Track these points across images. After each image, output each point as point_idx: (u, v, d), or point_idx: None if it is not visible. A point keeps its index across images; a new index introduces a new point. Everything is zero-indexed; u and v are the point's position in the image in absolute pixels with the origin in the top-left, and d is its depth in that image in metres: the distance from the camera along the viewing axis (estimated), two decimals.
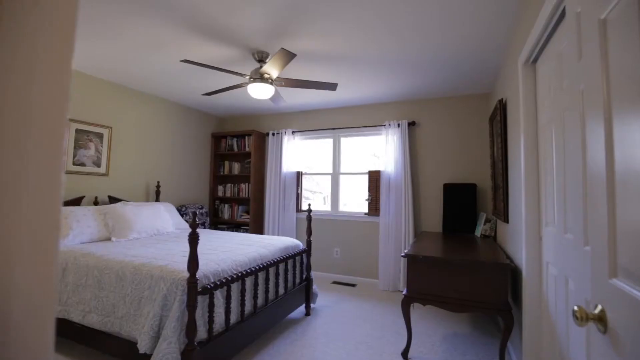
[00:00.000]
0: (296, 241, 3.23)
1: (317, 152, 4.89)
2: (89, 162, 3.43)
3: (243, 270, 2.29)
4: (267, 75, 2.70)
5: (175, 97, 4.27)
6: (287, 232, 4.68)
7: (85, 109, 3.40)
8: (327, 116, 4.71)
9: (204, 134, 5.05)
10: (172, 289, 1.84)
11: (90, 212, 2.96)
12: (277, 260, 2.66)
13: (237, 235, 3.37)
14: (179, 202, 4.58)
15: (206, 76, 3.41)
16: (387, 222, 4.11)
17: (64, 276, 2.26)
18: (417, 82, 3.55)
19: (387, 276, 4.03)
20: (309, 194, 4.98)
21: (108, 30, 2.45)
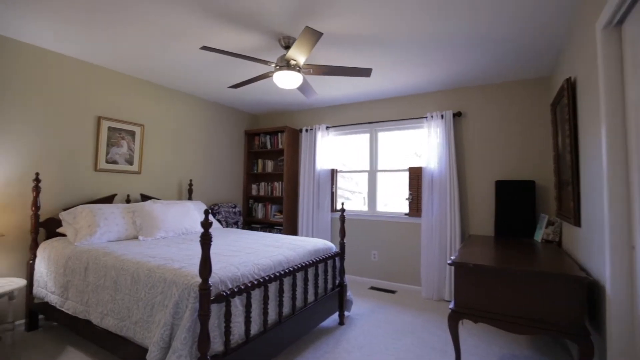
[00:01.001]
0: (328, 243, 2.95)
1: (353, 148, 4.58)
2: (122, 159, 3.44)
3: (266, 275, 2.06)
4: (294, 61, 2.46)
5: (206, 94, 4.20)
6: (322, 232, 4.43)
7: (117, 107, 3.41)
8: (363, 109, 4.39)
9: (237, 132, 4.97)
10: (184, 295, 1.66)
11: (119, 210, 2.93)
12: (306, 264, 2.40)
13: (266, 236, 3.17)
14: (211, 201, 4.52)
15: (232, 69, 3.26)
16: (430, 224, 3.69)
17: (85, 275, 2.20)
18: (463, 67, 3.11)
19: (430, 283, 3.61)
20: (348, 194, 4.68)
21: (129, 24, 2.37)
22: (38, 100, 2.83)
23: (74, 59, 3.06)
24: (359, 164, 4.48)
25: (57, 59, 2.95)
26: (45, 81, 2.87)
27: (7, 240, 2.64)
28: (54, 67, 2.92)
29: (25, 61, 2.75)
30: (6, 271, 2.64)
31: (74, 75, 3.07)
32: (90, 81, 3.19)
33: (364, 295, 3.70)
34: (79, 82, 3.10)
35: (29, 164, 2.77)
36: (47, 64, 2.88)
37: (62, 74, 2.98)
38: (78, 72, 3.09)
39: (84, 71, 3.14)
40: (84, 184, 3.14)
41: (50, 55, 2.90)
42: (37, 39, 2.67)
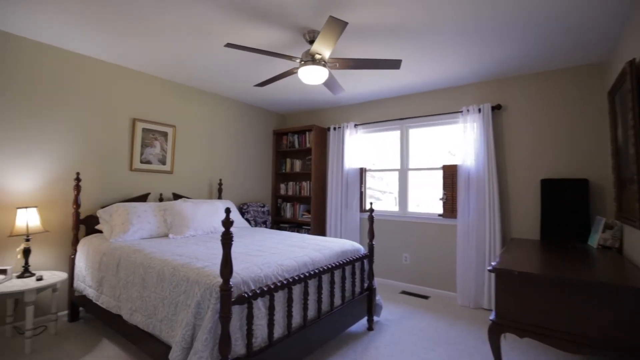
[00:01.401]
0: (356, 245, 2.84)
1: (382, 146, 4.42)
2: (155, 160, 3.56)
3: (290, 276, 1.99)
4: (319, 55, 2.37)
5: (235, 95, 4.25)
6: (350, 233, 4.31)
7: (150, 109, 3.53)
8: (393, 105, 4.21)
9: (265, 132, 4.99)
10: (206, 295, 1.63)
11: (151, 209, 3.01)
12: (332, 266, 2.31)
13: (292, 236, 3.12)
14: (240, 201, 4.56)
15: (258, 68, 3.25)
16: (466, 226, 3.45)
17: (117, 271, 2.26)
18: (502, 55, 2.86)
19: (467, 290, 3.37)
20: (378, 194, 4.53)
21: (158, 27, 2.41)
22: (79, 105, 2.98)
23: (111, 64, 3.20)
24: (389, 163, 4.31)
25: (95, 64, 3.09)
26: (85, 86, 3.02)
27: (52, 236, 2.81)
28: (92, 72, 3.07)
29: (67, 67, 2.91)
30: (51, 265, 2.80)
31: (111, 79, 3.20)
32: (126, 84, 3.32)
33: (395, 299, 3.54)
34: (115, 86, 3.23)
35: (71, 165, 2.92)
36: (86, 69, 3.03)
37: (100, 79, 3.12)
38: (114, 76, 3.23)
39: (120, 75, 3.27)
40: (120, 183, 3.27)
41: (88, 60, 3.04)
42: (77, 46, 2.81)
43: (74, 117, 2.95)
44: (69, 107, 2.92)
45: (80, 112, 2.99)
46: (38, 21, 2.40)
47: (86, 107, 3.03)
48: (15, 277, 2.44)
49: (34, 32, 2.58)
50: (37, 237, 2.71)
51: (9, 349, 2.32)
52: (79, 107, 2.98)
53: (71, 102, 2.93)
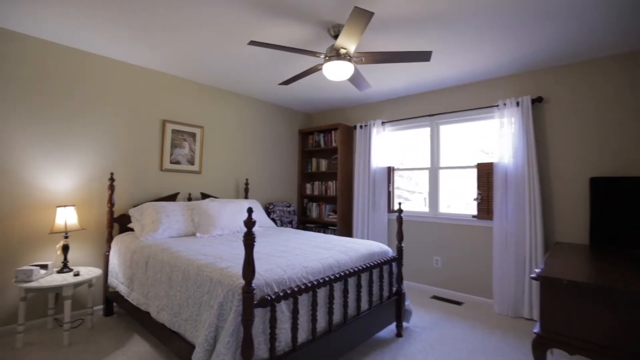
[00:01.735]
0: (384, 247, 2.72)
1: (411, 144, 4.24)
2: (184, 160, 3.63)
3: (314, 279, 1.92)
4: (344, 49, 2.29)
5: (260, 94, 4.25)
6: (378, 234, 4.18)
7: (179, 110, 3.60)
8: (422, 101, 4.03)
9: (291, 131, 4.97)
10: (229, 296, 1.60)
11: (179, 208, 3.06)
12: (359, 268, 2.21)
13: (318, 236, 3.05)
14: (267, 200, 4.57)
15: (282, 66, 3.21)
16: (503, 228, 3.21)
17: (146, 269, 2.30)
18: (544, 42, 2.62)
19: (505, 297, 3.14)
20: (407, 194, 4.36)
21: (184, 28, 2.43)
22: (112, 108, 3.09)
23: (141, 67, 3.29)
24: (419, 161, 4.13)
25: (126, 68, 3.20)
26: (118, 89, 3.13)
27: (88, 233, 2.93)
28: (124, 75, 3.18)
29: (101, 72, 3.03)
30: (87, 261, 2.93)
31: (142, 82, 3.30)
32: (156, 87, 3.41)
33: (425, 305, 3.37)
34: (146, 89, 3.33)
35: (105, 165, 3.04)
36: (118, 73, 3.14)
37: (131, 82, 3.23)
38: (145, 79, 3.33)
39: (150, 78, 3.37)
40: (151, 183, 3.37)
41: (120, 65, 3.15)
42: (109, 51, 2.92)
43: (108, 120, 3.07)
44: (103, 110, 3.04)
45: (113, 115, 3.10)
46: (73, 28, 2.50)
47: (119, 110, 3.14)
48: (55, 272, 2.57)
49: (69, 39, 2.69)
50: (75, 235, 2.84)
51: (50, 340, 2.43)
52: (112, 111, 3.10)
53: (105, 105, 3.05)
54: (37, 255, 2.67)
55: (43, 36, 2.65)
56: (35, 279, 2.35)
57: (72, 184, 2.84)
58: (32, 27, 2.50)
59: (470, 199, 3.66)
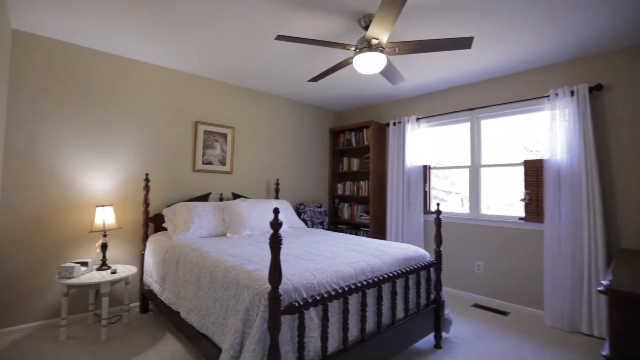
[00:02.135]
0: (421, 251, 2.54)
1: (448, 141, 3.98)
2: (216, 160, 3.66)
3: (346, 284, 1.80)
4: (375, 40, 2.15)
5: (290, 94, 4.20)
6: (413, 237, 3.96)
7: (210, 112, 3.64)
8: (461, 95, 3.76)
9: (321, 130, 4.88)
10: (255, 301, 1.52)
11: (210, 208, 3.08)
12: (394, 274, 2.06)
13: (349, 238, 2.92)
14: (297, 200, 4.51)
15: (310, 62, 3.12)
16: (556, 232, 2.89)
17: (177, 269, 2.31)
18: (606, 22, 2.29)
19: (558, 308, 2.82)
20: (443, 195, 4.11)
21: (207, 25, 2.42)
22: (147, 111, 3.18)
23: (174, 70, 3.36)
24: (457, 159, 3.86)
25: (159, 72, 3.27)
26: (151, 92, 3.21)
27: (125, 232, 3.02)
28: (157, 78, 3.25)
29: (136, 76, 3.12)
30: (124, 259, 3.02)
31: (175, 85, 3.37)
32: (188, 89, 3.46)
33: (466, 314, 3.12)
34: (179, 91, 3.40)
35: (141, 166, 3.13)
36: (152, 76, 3.22)
37: (165, 85, 3.30)
38: (178, 82, 3.39)
39: (182, 81, 3.42)
40: (184, 184, 3.42)
41: (153, 68, 3.23)
42: (142, 55, 2.99)
43: (144, 123, 3.15)
44: (139, 113, 3.13)
45: (148, 118, 3.19)
46: (113, 35, 2.58)
47: (154, 113, 3.22)
48: (95, 269, 2.66)
49: (108, 45, 2.79)
50: (113, 233, 2.94)
51: (90, 335, 2.52)
52: (147, 113, 3.18)
53: (141, 109, 3.14)
54: (79, 252, 2.78)
55: (84, 44, 2.76)
56: (76, 275, 2.44)
57: (110, 185, 2.95)
58: (75, 35, 2.61)
59: (513, 200, 3.35)
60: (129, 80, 3.07)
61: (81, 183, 2.80)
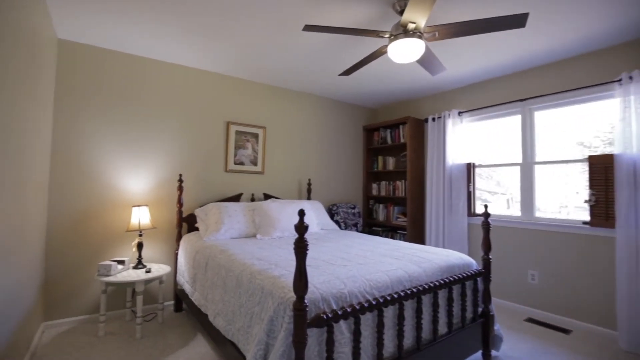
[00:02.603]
0: (466, 258, 2.28)
1: (495, 136, 3.62)
2: (247, 161, 3.63)
3: (380, 295, 1.62)
4: (412, 24, 1.94)
5: (321, 91, 4.08)
6: (456, 242, 3.65)
7: (242, 112, 3.62)
8: (510, 84, 3.39)
9: (355, 128, 4.70)
10: (279, 311, 1.40)
11: (241, 208, 3.03)
12: (435, 284, 1.84)
13: (385, 242, 2.72)
14: (330, 201, 4.37)
15: (341, 56, 2.95)
16: (632, 239, 2.46)
17: (206, 270, 2.26)
18: None
19: (637, 329, 2.40)
20: (487, 196, 3.75)
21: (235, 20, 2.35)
22: (180, 113, 3.21)
23: (204, 71, 3.37)
24: (504, 156, 3.49)
25: (192, 74, 3.30)
26: (184, 94, 3.25)
27: (160, 232, 3.08)
28: (189, 80, 3.28)
29: (169, 78, 3.16)
30: (160, 258, 3.07)
31: (207, 86, 3.38)
32: (220, 90, 3.47)
33: (519, 329, 2.78)
34: (211, 92, 3.41)
35: (174, 167, 3.17)
36: (184, 78, 3.25)
37: (197, 87, 3.32)
38: (209, 83, 3.40)
39: (214, 81, 3.43)
40: (216, 184, 3.43)
41: (187, 70, 3.26)
42: (174, 57, 3.02)
43: (177, 124, 3.20)
44: (172, 115, 3.17)
45: (181, 120, 3.22)
46: (150, 41, 2.62)
47: (187, 115, 3.26)
48: (131, 267, 2.72)
49: (140, 49, 2.85)
50: (148, 233, 2.99)
51: (126, 332, 2.57)
52: (181, 115, 3.22)
53: (174, 111, 3.18)
54: (118, 251, 2.87)
55: (120, 49, 2.84)
56: (113, 273, 2.50)
57: (145, 185, 3.01)
58: (112, 42, 2.69)
59: (569, 201, 2.94)
60: (162, 83, 3.12)
61: (119, 184, 2.88)
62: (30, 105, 1.96)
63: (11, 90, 1.59)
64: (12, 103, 1.63)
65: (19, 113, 1.74)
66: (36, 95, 2.08)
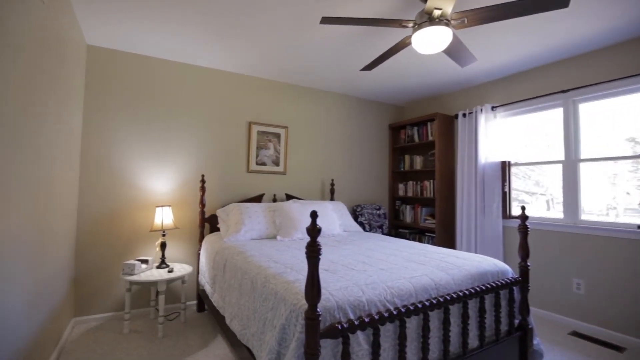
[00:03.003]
0: (500, 264, 2.08)
1: (534, 132, 3.33)
2: (269, 161, 3.60)
3: (402, 304, 1.50)
4: (438, 10, 1.79)
5: (344, 89, 3.97)
6: (489, 246, 3.40)
7: (263, 112, 3.59)
8: (549, 75, 3.10)
9: (380, 126, 4.54)
10: (292, 319, 1.31)
11: (261, 209, 2.99)
12: (465, 293, 1.68)
13: (410, 246, 2.57)
14: (354, 202, 4.24)
15: (362, 51, 2.83)
16: None
17: (224, 272, 2.23)
18: None
19: None
20: (524, 197, 3.46)
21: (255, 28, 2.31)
22: (202, 114, 3.24)
23: (228, 72, 3.38)
24: (545, 153, 3.19)
25: (214, 75, 3.31)
26: (206, 96, 3.27)
27: (183, 232, 3.11)
28: (212, 82, 3.30)
29: (192, 80, 3.19)
30: (183, 258, 3.10)
31: (228, 87, 3.39)
32: (241, 90, 3.46)
33: (562, 343, 2.51)
34: (232, 93, 3.41)
35: (197, 168, 3.19)
36: (208, 79, 3.28)
37: (219, 87, 3.33)
38: (231, 83, 3.40)
39: (236, 82, 3.43)
40: (238, 184, 3.42)
41: (210, 72, 3.28)
42: (199, 60, 3.04)
43: (199, 125, 3.22)
44: (195, 116, 3.20)
45: (203, 121, 3.25)
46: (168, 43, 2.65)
47: (209, 115, 3.28)
48: (155, 267, 2.76)
49: (165, 53, 2.89)
50: (173, 233, 3.03)
51: (149, 330, 2.60)
52: (202, 116, 3.24)
53: (196, 112, 3.21)
54: (143, 250, 2.93)
55: (144, 52, 2.91)
56: (136, 272, 2.54)
57: (169, 186, 3.05)
58: (137, 46, 2.75)
59: (623, 203, 2.61)
60: (185, 84, 3.16)
61: (144, 184, 2.94)
62: (61, 107, 2.05)
63: (42, 94, 1.70)
64: (44, 105, 1.74)
65: (49, 115, 1.84)
66: (66, 98, 2.18)
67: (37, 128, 1.62)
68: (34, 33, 1.52)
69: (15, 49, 1.32)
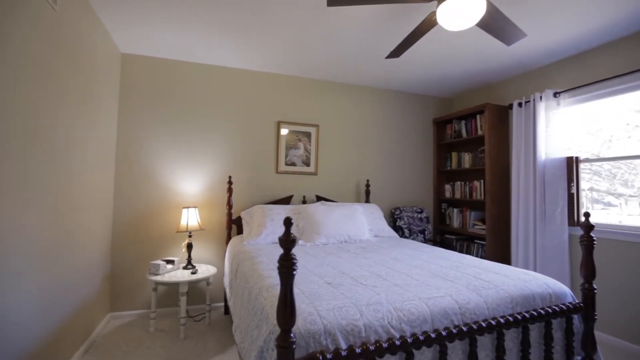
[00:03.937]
0: (555, 284, 1.66)
1: (610, 121, 2.70)
2: (299, 161, 3.48)
3: (412, 332, 1.23)
4: None
5: (378, 82, 3.68)
6: (552, 258, 2.85)
7: (293, 110, 3.48)
8: (625, 50, 2.48)
9: (422, 121, 4.15)
10: (269, 342, 1.14)
11: (285, 211, 2.88)
12: (500, 321, 1.34)
13: (445, 256, 2.22)
14: (392, 204, 3.92)
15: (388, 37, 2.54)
16: None
17: (237, 277, 2.14)
18: None
19: None
20: (610, 199, 2.83)
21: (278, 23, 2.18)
22: (230, 114, 3.24)
23: (254, 72, 3.34)
24: (628, 146, 2.56)
25: (241, 75, 3.29)
26: (234, 96, 3.26)
27: (211, 233, 3.13)
28: (239, 82, 3.28)
29: (220, 81, 3.21)
30: (209, 259, 3.13)
31: (255, 86, 3.34)
32: (268, 89, 3.39)
33: None
34: (259, 93, 3.36)
35: (224, 169, 3.20)
36: (235, 80, 3.27)
37: (246, 87, 3.31)
38: (257, 83, 3.35)
39: (262, 81, 3.37)
40: (267, 186, 3.35)
41: (237, 72, 3.28)
42: (226, 61, 3.04)
43: (227, 126, 3.23)
44: (223, 117, 3.21)
45: (231, 121, 3.24)
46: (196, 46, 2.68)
47: (237, 116, 3.26)
48: (181, 267, 2.80)
49: (192, 56, 2.94)
50: (200, 234, 3.06)
51: (173, 331, 2.64)
52: (230, 117, 3.24)
53: (224, 112, 3.22)
54: (171, 250, 3.01)
55: (173, 57, 2.99)
56: (161, 273, 2.59)
57: (197, 187, 3.10)
58: (168, 51, 2.83)
59: None
60: (212, 86, 3.18)
61: (172, 185, 3.02)
62: (95, 114, 2.25)
63: (75, 102, 1.94)
64: (77, 113, 1.99)
65: (83, 121, 2.07)
66: (100, 105, 2.39)
67: (69, 134, 1.82)
68: (67, 48, 1.76)
69: (49, 66, 1.50)
